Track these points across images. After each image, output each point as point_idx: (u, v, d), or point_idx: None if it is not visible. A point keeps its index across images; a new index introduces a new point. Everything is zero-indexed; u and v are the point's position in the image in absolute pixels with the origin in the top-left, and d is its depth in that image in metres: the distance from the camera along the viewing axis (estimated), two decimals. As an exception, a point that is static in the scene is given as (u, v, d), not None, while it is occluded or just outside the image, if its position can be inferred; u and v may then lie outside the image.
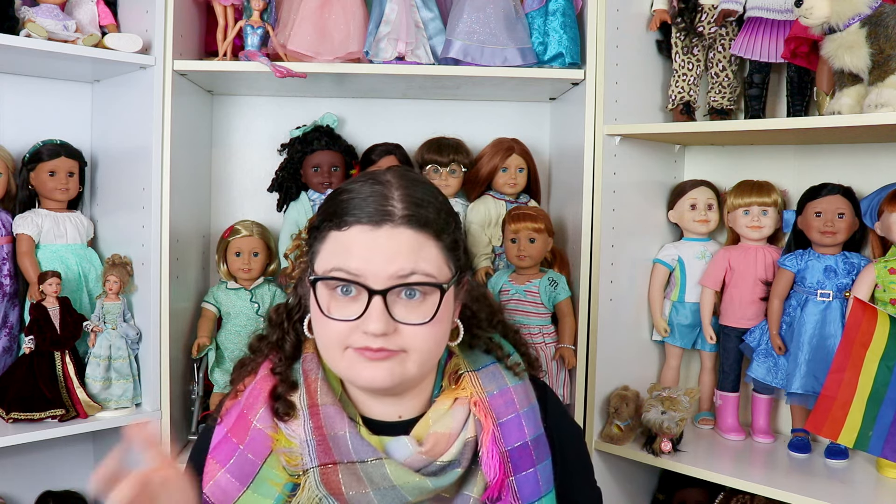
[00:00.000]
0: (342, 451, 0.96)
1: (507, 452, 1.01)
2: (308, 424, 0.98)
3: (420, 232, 0.95)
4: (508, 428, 1.02)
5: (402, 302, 0.94)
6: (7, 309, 1.81)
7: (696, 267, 1.96)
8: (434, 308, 0.95)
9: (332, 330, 0.95)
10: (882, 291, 1.68)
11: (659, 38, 1.97)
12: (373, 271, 0.93)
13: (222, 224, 2.07)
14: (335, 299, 0.95)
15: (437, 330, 0.97)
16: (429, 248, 0.96)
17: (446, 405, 1.03)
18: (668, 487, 2.02)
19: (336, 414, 0.98)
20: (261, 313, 1.95)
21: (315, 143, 2.01)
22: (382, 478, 0.94)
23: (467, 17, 1.83)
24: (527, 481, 1.02)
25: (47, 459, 2.01)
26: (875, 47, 1.49)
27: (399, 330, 0.94)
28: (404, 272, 0.93)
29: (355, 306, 0.93)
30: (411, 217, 0.95)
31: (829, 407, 1.52)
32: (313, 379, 1.02)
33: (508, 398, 1.04)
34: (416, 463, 0.97)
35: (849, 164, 1.86)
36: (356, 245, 0.94)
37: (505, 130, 2.09)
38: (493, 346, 1.10)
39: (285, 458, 0.98)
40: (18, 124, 1.92)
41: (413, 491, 0.96)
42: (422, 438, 1.00)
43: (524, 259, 1.87)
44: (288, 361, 1.06)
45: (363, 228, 0.94)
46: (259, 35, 1.82)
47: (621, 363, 1.92)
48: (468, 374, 1.05)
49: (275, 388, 1.03)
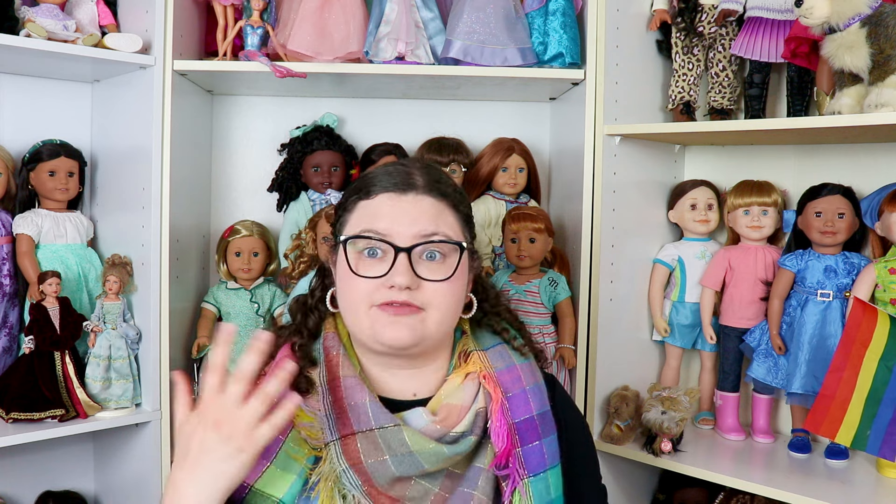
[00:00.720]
0: (361, 420, 0.99)
1: (514, 425, 1.04)
2: (328, 399, 1.02)
3: (440, 200, 1.05)
4: (515, 402, 1.06)
5: (424, 263, 1.02)
6: (7, 309, 1.81)
7: (696, 267, 1.96)
8: (454, 266, 1.03)
9: (359, 288, 1.01)
10: (882, 291, 1.68)
11: (659, 37, 1.97)
12: (399, 231, 1.01)
13: (222, 224, 2.07)
14: (363, 260, 1.02)
15: (455, 289, 1.04)
16: (448, 215, 1.06)
17: (458, 381, 1.07)
18: (668, 487, 2.02)
19: (357, 384, 1.02)
20: (261, 313, 1.95)
21: (315, 143, 2.02)
22: (400, 443, 0.97)
23: (467, 17, 1.83)
24: (533, 453, 1.04)
25: (47, 459, 2.01)
26: (875, 47, 1.49)
27: (422, 287, 1.01)
28: (427, 232, 1.02)
29: (381, 266, 1.01)
30: (433, 187, 1.06)
31: (827, 406, 1.53)
32: (335, 354, 1.06)
33: (515, 375, 1.09)
34: (431, 433, 1.00)
35: (849, 164, 1.86)
36: (383, 209, 1.03)
37: (505, 130, 2.09)
38: (499, 329, 1.16)
39: (306, 433, 1.01)
40: (18, 124, 1.92)
41: (430, 458, 0.98)
42: (435, 410, 1.04)
43: (524, 259, 1.87)
44: (310, 338, 1.10)
45: (390, 195, 1.04)
46: (259, 35, 1.82)
47: (621, 363, 1.92)
48: (477, 353, 1.10)
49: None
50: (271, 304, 1.98)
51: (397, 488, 0.98)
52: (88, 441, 2.05)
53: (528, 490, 1.03)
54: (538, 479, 1.04)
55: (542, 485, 1.04)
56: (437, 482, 1.00)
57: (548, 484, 1.04)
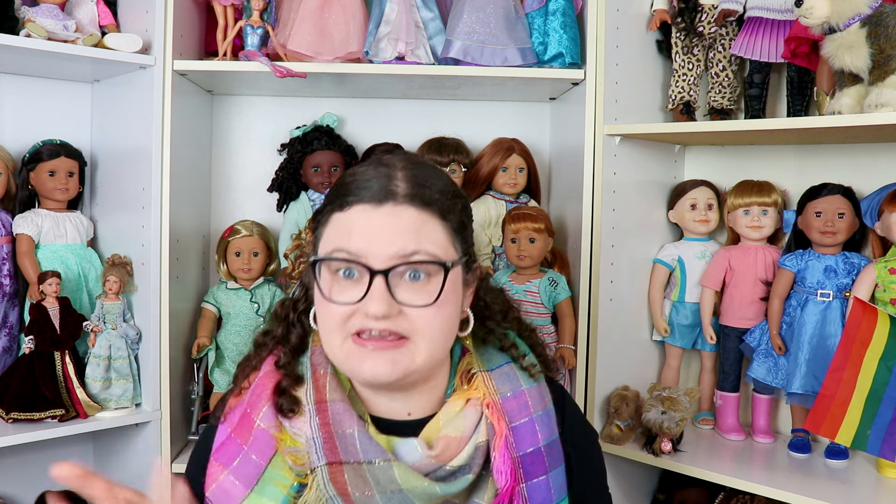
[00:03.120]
0: (349, 451, 0.92)
1: (518, 458, 0.97)
2: (314, 421, 0.94)
3: (424, 211, 0.92)
4: (521, 432, 0.98)
5: (405, 284, 0.91)
6: (7, 309, 1.81)
7: (696, 267, 1.96)
8: (438, 288, 0.90)
9: (334, 314, 0.91)
10: (882, 291, 1.68)
11: (659, 37, 1.97)
12: (374, 251, 0.90)
13: (222, 224, 2.07)
14: (337, 283, 0.92)
15: (444, 313, 0.92)
16: (433, 228, 0.93)
17: (458, 406, 0.98)
18: (668, 487, 2.02)
19: (345, 412, 0.94)
20: (261, 313, 1.95)
21: (315, 143, 2.01)
22: (389, 481, 0.90)
23: (467, 17, 1.83)
24: (538, 489, 0.97)
25: (47, 459, 1.99)
26: (875, 47, 1.49)
27: (404, 313, 0.90)
28: (406, 251, 0.90)
29: (357, 289, 0.90)
30: (414, 196, 0.92)
31: (827, 406, 1.52)
32: (322, 374, 0.98)
33: (522, 401, 1.00)
34: (424, 467, 0.93)
35: (849, 164, 1.86)
36: (357, 224, 0.92)
37: (505, 130, 2.09)
38: (507, 345, 1.06)
39: (291, 458, 0.94)
40: (18, 124, 1.92)
41: (421, 496, 0.91)
42: (432, 441, 0.96)
43: (524, 259, 1.87)
44: (293, 354, 1.02)
45: (364, 207, 0.92)
46: (259, 35, 1.82)
47: (621, 363, 1.92)
48: (481, 374, 1.01)
49: (279, 383, 0.99)
50: (271, 304, 1.98)
51: None
52: (88, 441, 2.05)
53: None
54: None
55: None
56: None
57: None
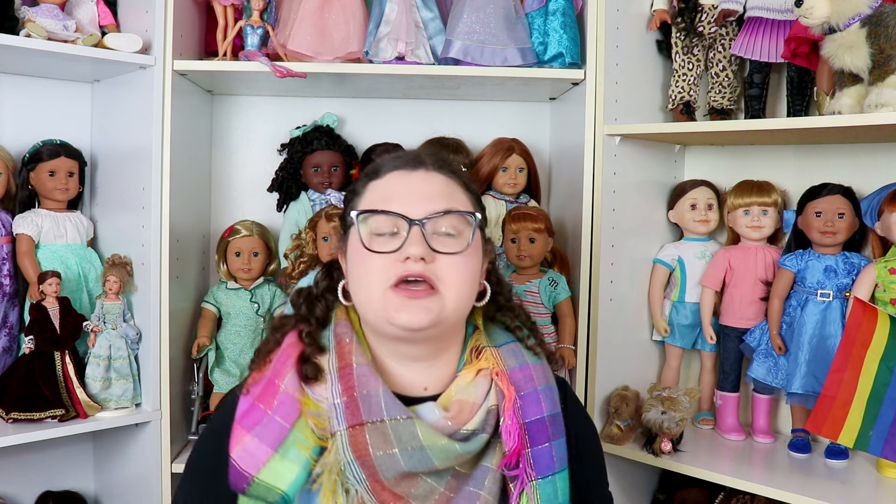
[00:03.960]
0: (372, 410, 0.96)
1: (524, 424, 1.03)
2: (336, 387, 0.99)
3: (451, 178, 1.06)
4: (527, 401, 1.04)
5: (438, 238, 1.00)
6: (7, 309, 1.81)
7: (696, 267, 1.96)
8: (469, 240, 1.01)
9: (373, 266, 0.99)
10: (882, 291, 1.68)
11: (659, 38, 1.97)
12: (411, 207, 1.00)
13: (222, 224, 2.07)
14: (375, 239, 1.00)
15: (470, 266, 1.02)
16: (460, 193, 1.05)
17: (470, 377, 1.05)
18: (668, 487, 2.02)
19: (370, 373, 1.00)
20: (261, 313, 1.95)
21: (315, 143, 2.02)
22: (411, 437, 0.94)
23: (467, 17, 1.83)
24: (542, 455, 1.03)
25: (47, 459, 2.01)
26: (875, 47, 1.49)
27: (437, 261, 0.99)
28: (439, 208, 1.00)
29: (395, 241, 0.99)
30: (442, 166, 1.06)
31: (829, 407, 1.52)
32: (347, 342, 1.03)
33: (528, 374, 1.06)
34: (442, 429, 0.98)
35: (849, 164, 1.86)
36: (394, 186, 1.03)
37: (505, 130, 2.09)
38: (513, 326, 1.14)
39: (314, 421, 0.98)
40: (18, 124, 1.92)
41: (440, 454, 0.95)
42: (447, 406, 1.02)
43: (524, 259, 1.87)
44: (317, 325, 1.07)
45: (400, 173, 1.04)
46: (259, 35, 1.82)
47: (621, 363, 1.92)
48: (489, 349, 1.07)
49: (302, 352, 1.04)
50: (271, 304, 1.98)
51: (403, 485, 0.96)
52: (88, 441, 2.05)
53: (535, 493, 1.01)
54: (546, 482, 1.02)
55: (549, 488, 1.02)
56: (443, 481, 0.98)
57: (556, 487, 1.03)
